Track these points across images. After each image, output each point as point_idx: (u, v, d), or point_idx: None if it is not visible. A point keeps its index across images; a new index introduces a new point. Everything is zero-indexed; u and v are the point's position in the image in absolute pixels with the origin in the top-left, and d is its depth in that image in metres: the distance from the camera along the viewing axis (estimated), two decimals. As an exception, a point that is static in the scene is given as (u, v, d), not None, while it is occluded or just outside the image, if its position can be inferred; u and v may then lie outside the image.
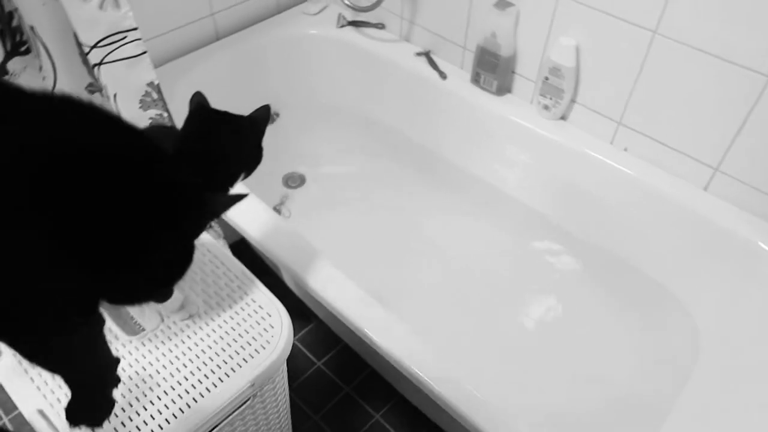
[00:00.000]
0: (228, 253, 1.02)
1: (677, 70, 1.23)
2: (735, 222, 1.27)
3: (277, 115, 1.70)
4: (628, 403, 1.30)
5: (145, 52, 0.98)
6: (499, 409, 0.98)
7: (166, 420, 0.80)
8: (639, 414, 1.27)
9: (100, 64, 0.97)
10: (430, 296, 1.51)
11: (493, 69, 1.51)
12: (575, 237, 1.56)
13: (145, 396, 0.82)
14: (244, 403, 0.87)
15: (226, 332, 0.90)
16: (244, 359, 0.87)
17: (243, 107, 1.80)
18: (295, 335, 1.57)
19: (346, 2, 1.68)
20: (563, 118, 1.49)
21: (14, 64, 1.01)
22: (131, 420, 0.79)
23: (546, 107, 1.47)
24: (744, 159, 1.23)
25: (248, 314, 0.93)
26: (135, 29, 0.95)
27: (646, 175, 1.37)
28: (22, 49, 1.03)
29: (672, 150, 1.33)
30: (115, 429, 0.78)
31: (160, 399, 0.82)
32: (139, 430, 0.78)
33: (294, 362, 1.52)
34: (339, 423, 1.41)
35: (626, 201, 1.41)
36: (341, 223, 1.66)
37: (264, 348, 0.88)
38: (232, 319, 0.92)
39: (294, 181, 1.78)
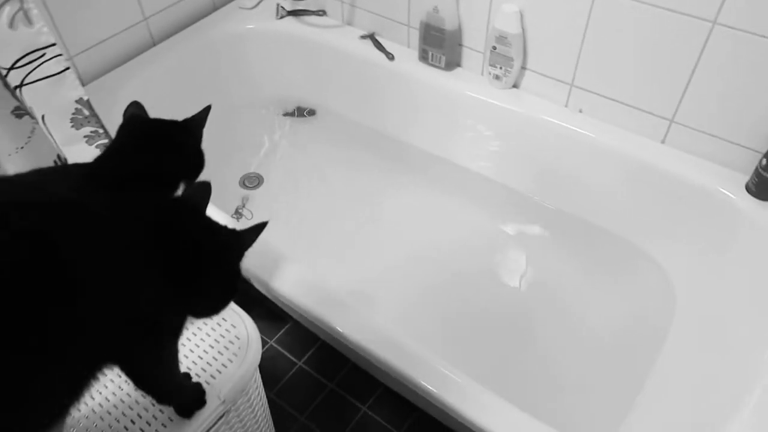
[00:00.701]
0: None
1: (622, 24, 1.22)
2: (695, 171, 1.28)
3: (313, 112, 1.75)
4: (610, 362, 1.30)
5: (68, 68, 0.93)
6: (476, 389, 0.96)
7: (138, 448, 0.76)
8: (622, 371, 1.28)
9: (21, 85, 0.91)
10: (400, 279, 1.49)
11: (439, 44, 1.48)
12: (540, 204, 1.55)
13: (117, 423, 0.78)
14: (219, 419, 0.84)
15: (191, 350, 0.87)
16: (212, 376, 0.84)
17: (187, 111, 1.74)
18: (272, 337, 1.54)
19: (283, -9, 1.63)
20: (515, 86, 1.47)
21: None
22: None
23: (497, 77, 1.45)
24: (697, 107, 1.23)
25: (212, 328, 0.89)
26: (53, 45, 0.89)
27: (603, 135, 1.36)
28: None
29: (626, 106, 1.32)
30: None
31: (127, 429, 0.78)
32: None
33: (274, 365, 1.49)
34: (327, 420, 1.39)
35: (586, 162, 1.40)
36: (304, 218, 1.63)
37: (231, 361, 0.85)
38: (195, 335, 0.88)
39: (251, 181, 1.73)
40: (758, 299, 1.11)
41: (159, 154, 0.72)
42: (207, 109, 0.82)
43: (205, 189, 0.73)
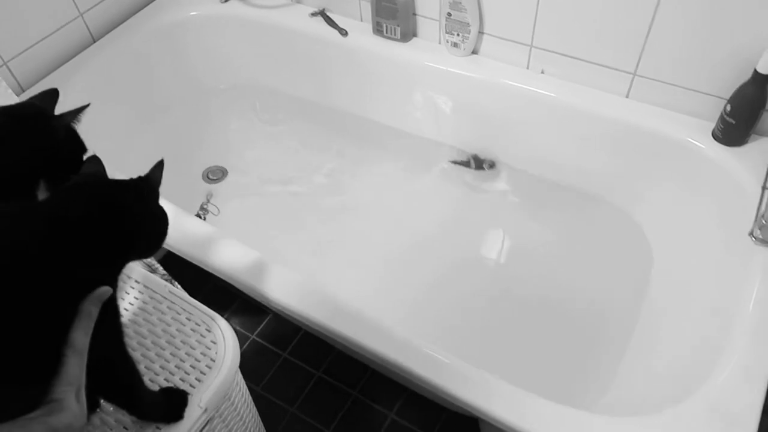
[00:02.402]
0: (147, 272, 0.93)
1: (577, -21, 1.19)
2: (662, 123, 1.27)
3: (493, 165, 1.54)
4: (595, 323, 1.30)
5: (-4, 76, 0.86)
6: (463, 366, 0.95)
7: (120, 470, 0.73)
8: (607, 331, 1.28)
9: (-52, 99, 0.84)
10: (377, 259, 1.46)
11: (393, 15, 1.43)
12: (511, 169, 1.53)
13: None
14: (203, 429, 0.81)
15: (166, 360, 0.83)
16: (191, 385, 0.80)
17: (135, 107, 1.67)
18: (253, 331, 1.51)
19: (224, -27, 1.56)
20: (475, 52, 1.44)
21: None
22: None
23: (455, 45, 1.41)
24: (659, 58, 1.22)
25: (186, 335, 0.85)
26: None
27: (567, 94, 1.35)
28: None
29: (588, 63, 1.30)
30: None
31: (108, 451, 0.75)
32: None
33: (258, 359, 1.46)
34: (318, 410, 1.37)
35: (552, 123, 1.39)
36: (273, 205, 1.59)
37: (210, 368, 0.81)
38: (170, 344, 0.84)
39: (215, 174, 1.67)
40: (731, 245, 1.11)
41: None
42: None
43: (96, 162, 0.69)
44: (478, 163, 1.54)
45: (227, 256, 1.13)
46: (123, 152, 1.45)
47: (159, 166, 0.71)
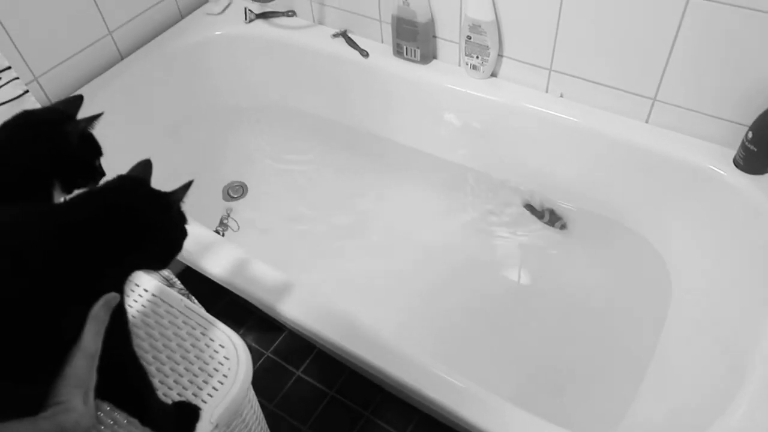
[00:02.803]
0: (164, 286, 0.95)
1: (596, 4, 1.20)
2: (683, 149, 1.26)
3: (564, 226, 1.47)
4: (611, 350, 1.28)
5: (26, 92, 0.89)
6: (480, 393, 0.94)
7: (130, 485, 0.73)
8: (623, 358, 1.26)
9: (-21, 114, 0.87)
10: (395, 280, 1.46)
11: (413, 37, 1.45)
12: (529, 193, 1.53)
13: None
14: (214, 445, 0.81)
15: (180, 375, 0.84)
16: (203, 400, 0.81)
17: (159, 122, 1.71)
18: (268, 348, 1.52)
19: (249, -5, 1.60)
20: (494, 75, 1.45)
21: None
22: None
23: (474, 67, 1.42)
24: (679, 83, 1.21)
25: (200, 350, 0.86)
26: (8, 68, 0.85)
27: (586, 118, 1.34)
28: None
29: (607, 87, 1.30)
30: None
31: (118, 464, 0.75)
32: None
33: (272, 376, 1.46)
34: (329, 430, 1.36)
35: (571, 148, 1.38)
36: (292, 224, 1.60)
37: (222, 384, 0.82)
38: (184, 358, 0.85)
39: (235, 191, 1.69)
40: (753, 274, 1.09)
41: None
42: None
43: (143, 166, 0.71)
44: (552, 219, 1.48)
45: (245, 272, 1.14)
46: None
47: (186, 186, 0.72)
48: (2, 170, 0.66)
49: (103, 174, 0.79)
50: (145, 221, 0.66)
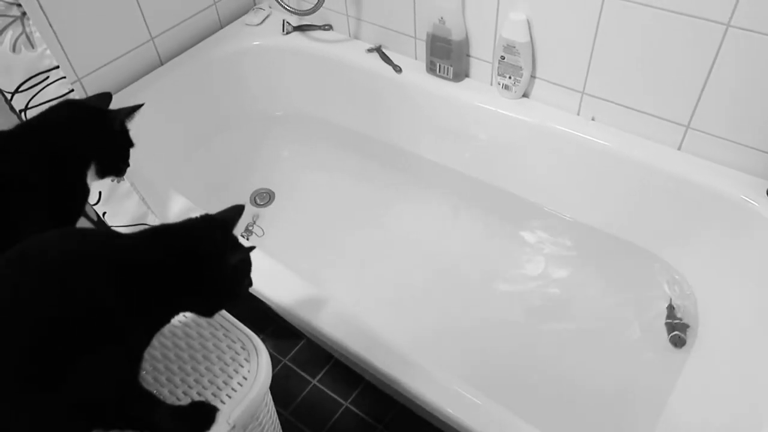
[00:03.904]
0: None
1: (632, 29, 1.20)
2: (715, 178, 1.24)
3: None
4: (630, 379, 1.26)
5: (72, 90, 0.92)
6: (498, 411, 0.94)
7: (146, 480, 0.74)
8: (642, 387, 1.24)
9: (26, 109, 0.91)
10: (415, 292, 1.46)
11: (447, 55, 1.46)
12: (556, 215, 1.52)
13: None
14: (229, 446, 0.82)
15: (200, 374, 0.85)
16: (221, 401, 0.82)
17: (193, 129, 1.74)
18: (285, 355, 1.52)
19: (288, 7, 1.63)
20: (526, 95, 1.45)
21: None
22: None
23: (506, 87, 1.43)
24: (713, 112, 1.20)
25: (221, 351, 0.87)
26: (56, 68, 0.89)
27: (617, 143, 1.34)
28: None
29: (640, 113, 1.30)
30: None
31: (136, 458, 0.76)
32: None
33: (288, 384, 1.47)
34: (342, 441, 1.36)
35: (601, 171, 1.38)
36: (317, 233, 1.61)
37: (241, 386, 0.83)
38: (205, 358, 0.86)
39: (262, 198, 1.72)
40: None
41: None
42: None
43: (234, 211, 0.73)
44: (676, 328, 1.28)
45: (267, 279, 1.16)
46: (180, 167, 1.52)
47: (248, 248, 0.72)
48: (47, 148, 0.70)
49: (128, 165, 0.83)
50: (204, 277, 0.68)
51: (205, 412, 0.79)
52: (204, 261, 0.69)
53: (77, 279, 0.60)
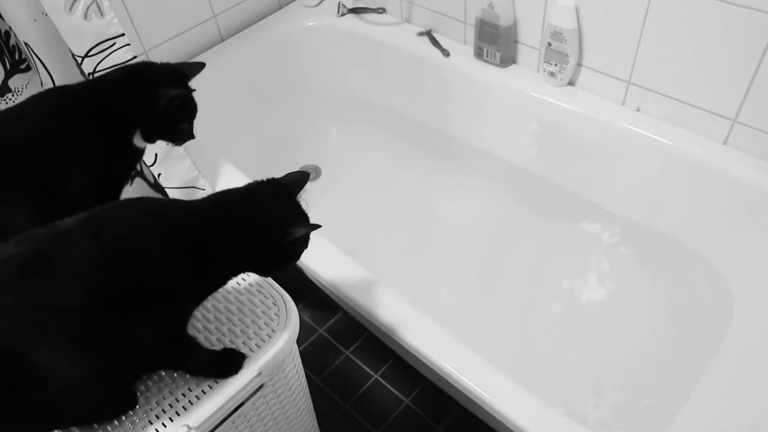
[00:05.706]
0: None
1: (681, 19, 1.18)
2: (761, 176, 1.21)
3: None
4: (659, 367, 1.26)
5: (135, 57, 1.00)
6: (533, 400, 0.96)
7: (177, 412, 0.81)
8: (670, 377, 1.23)
9: (93, 72, 0.99)
10: (457, 280, 1.49)
11: (494, 41, 1.48)
12: (598, 206, 1.51)
13: (156, 390, 0.84)
14: (256, 392, 0.88)
15: (234, 324, 0.91)
16: (250, 349, 0.88)
17: (247, 104, 1.82)
18: (322, 326, 1.59)
19: (344, -10, 1.68)
20: (571, 83, 1.45)
21: (16, 82, 1.05)
22: (144, 415, 0.81)
23: (552, 74, 1.43)
24: (762, 106, 1.17)
25: (254, 305, 0.94)
26: (122, 35, 0.97)
27: (662, 134, 1.32)
28: (23, 66, 1.06)
29: (686, 105, 1.28)
30: (130, 424, 0.80)
31: (171, 394, 0.84)
32: (151, 423, 0.80)
33: (322, 352, 1.53)
34: (369, 409, 1.41)
35: (644, 163, 1.36)
36: (360, 213, 1.67)
37: (270, 337, 0.89)
38: (239, 310, 0.93)
39: (309, 173, 1.78)
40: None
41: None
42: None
43: (298, 176, 0.79)
44: None
45: (314, 253, 1.21)
46: (232, 138, 1.60)
47: (313, 226, 0.79)
48: (100, 104, 0.77)
49: (191, 136, 0.88)
50: (266, 247, 0.75)
51: (235, 358, 0.86)
52: (269, 230, 0.74)
53: (143, 248, 0.67)
